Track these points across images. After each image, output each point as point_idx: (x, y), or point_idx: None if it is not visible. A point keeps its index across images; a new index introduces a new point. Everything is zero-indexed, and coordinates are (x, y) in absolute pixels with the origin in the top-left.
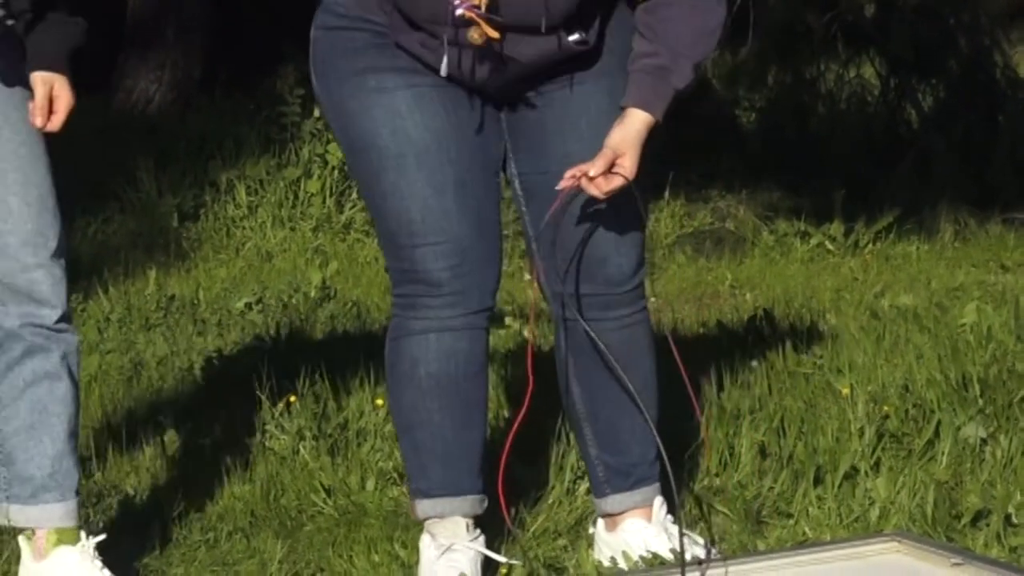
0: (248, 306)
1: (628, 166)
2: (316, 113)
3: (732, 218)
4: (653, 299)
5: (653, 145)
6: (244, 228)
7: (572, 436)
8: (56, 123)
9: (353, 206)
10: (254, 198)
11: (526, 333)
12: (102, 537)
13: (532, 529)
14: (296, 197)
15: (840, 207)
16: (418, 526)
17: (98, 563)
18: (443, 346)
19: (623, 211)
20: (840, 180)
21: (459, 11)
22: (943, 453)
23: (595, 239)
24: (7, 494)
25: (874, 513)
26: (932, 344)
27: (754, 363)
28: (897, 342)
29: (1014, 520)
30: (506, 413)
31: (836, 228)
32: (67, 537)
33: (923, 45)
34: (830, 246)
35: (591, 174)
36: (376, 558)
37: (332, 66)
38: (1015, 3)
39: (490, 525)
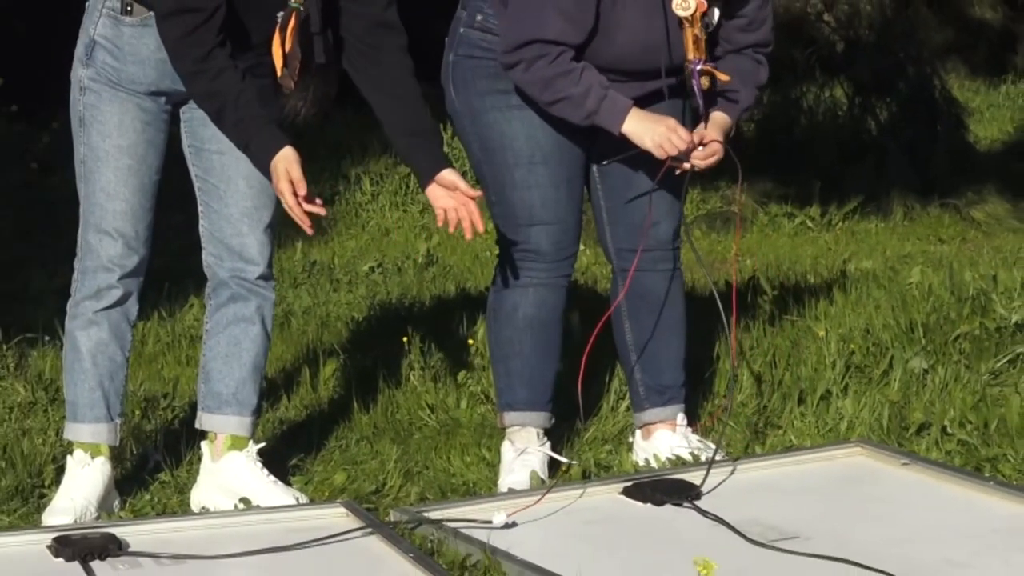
0: (371, 269)
1: (719, 140)
2: None
3: (736, 203)
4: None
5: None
6: (368, 210)
7: (617, 367)
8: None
9: None
10: (376, 187)
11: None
12: (262, 444)
13: (585, 437)
14: (407, 187)
15: (817, 195)
16: (499, 435)
17: (259, 464)
18: (538, 297)
19: (671, 190)
20: (817, 174)
21: (699, 67)
22: (895, 380)
23: (651, 208)
24: (202, 405)
25: (843, 425)
26: (887, 298)
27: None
28: (860, 296)
29: (948, 431)
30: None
31: (814, 210)
32: (238, 444)
33: (880, 72)
34: (810, 224)
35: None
36: (467, 459)
37: (474, 84)
38: (950, 41)
39: (553, 435)
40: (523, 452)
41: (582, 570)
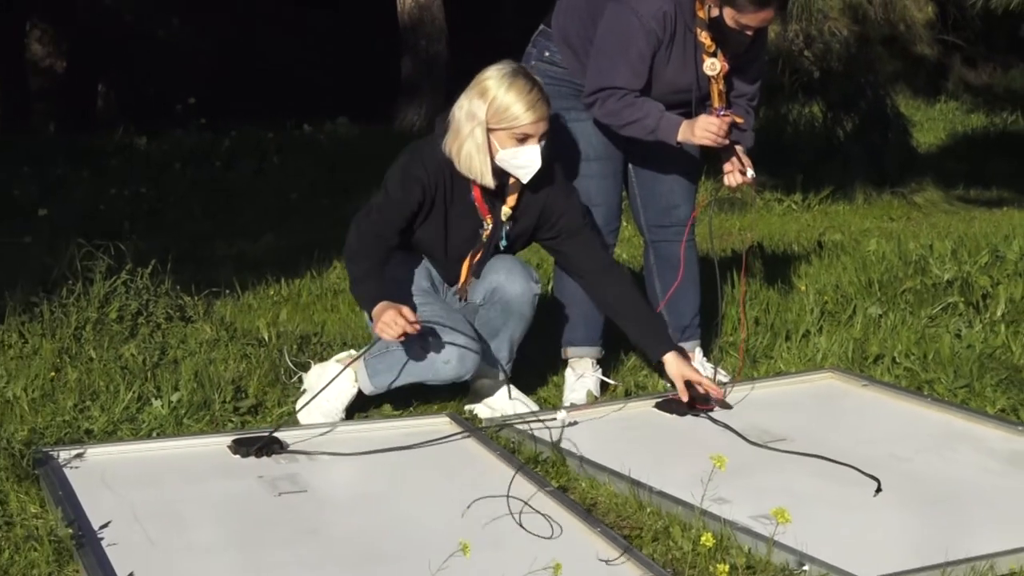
0: None
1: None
2: None
3: (739, 190)
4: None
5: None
6: None
7: None
8: None
9: None
10: None
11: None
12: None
13: (627, 365)
14: None
15: (800, 185)
16: (563, 364)
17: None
18: None
19: (687, 181)
20: (800, 169)
21: (722, 112)
22: (858, 323)
23: (672, 194)
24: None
25: (819, 356)
26: (852, 261)
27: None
28: (832, 260)
29: (897, 360)
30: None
31: (798, 196)
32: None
33: (846, 94)
34: (794, 207)
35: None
36: (540, 381)
37: None
38: (898, 70)
39: (604, 363)
40: (581, 376)
41: (624, 463)
